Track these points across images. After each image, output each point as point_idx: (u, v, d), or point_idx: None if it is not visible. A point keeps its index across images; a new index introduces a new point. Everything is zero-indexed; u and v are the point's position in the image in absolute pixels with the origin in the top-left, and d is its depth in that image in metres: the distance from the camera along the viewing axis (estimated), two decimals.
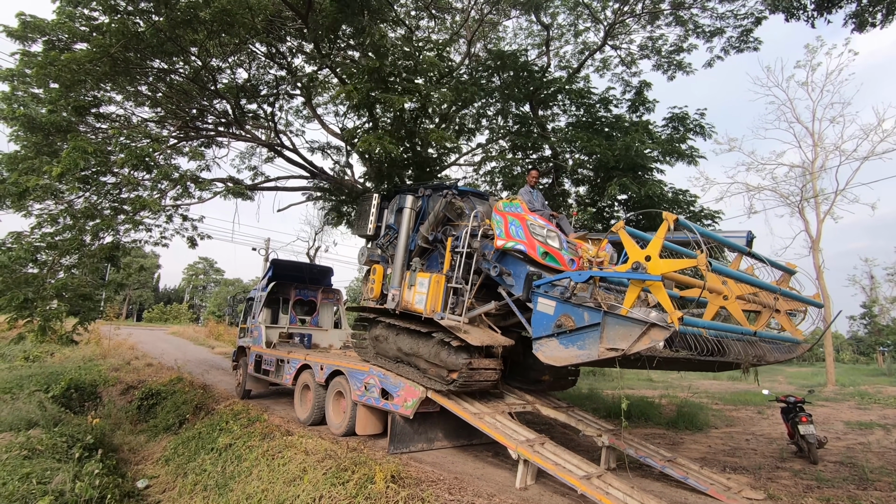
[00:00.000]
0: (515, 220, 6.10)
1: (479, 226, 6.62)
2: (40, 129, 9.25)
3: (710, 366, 5.59)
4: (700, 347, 4.50)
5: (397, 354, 7.15)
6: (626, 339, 4.20)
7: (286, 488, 5.53)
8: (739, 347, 5.08)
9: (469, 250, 6.55)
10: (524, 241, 5.90)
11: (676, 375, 26.79)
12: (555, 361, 4.89)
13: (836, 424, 10.71)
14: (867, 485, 6.15)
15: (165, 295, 61.07)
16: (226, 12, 8.28)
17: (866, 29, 6.80)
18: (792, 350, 5.85)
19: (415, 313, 6.76)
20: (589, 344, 4.54)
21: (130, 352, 18.61)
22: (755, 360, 5.31)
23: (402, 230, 7.59)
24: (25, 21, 9.08)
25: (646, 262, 4.23)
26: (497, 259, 6.25)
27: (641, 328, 4.10)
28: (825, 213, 20.81)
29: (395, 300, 7.14)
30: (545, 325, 5.01)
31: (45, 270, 9.34)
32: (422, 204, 7.76)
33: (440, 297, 6.59)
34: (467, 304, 6.48)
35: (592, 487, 4.64)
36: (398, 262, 7.50)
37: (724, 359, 4.92)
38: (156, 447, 9.21)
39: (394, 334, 7.26)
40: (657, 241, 4.24)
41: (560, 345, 4.82)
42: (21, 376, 12.41)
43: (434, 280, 6.66)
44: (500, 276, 6.17)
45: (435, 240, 7.30)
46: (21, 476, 5.71)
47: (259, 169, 14.97)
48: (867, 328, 47.05)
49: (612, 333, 4.34)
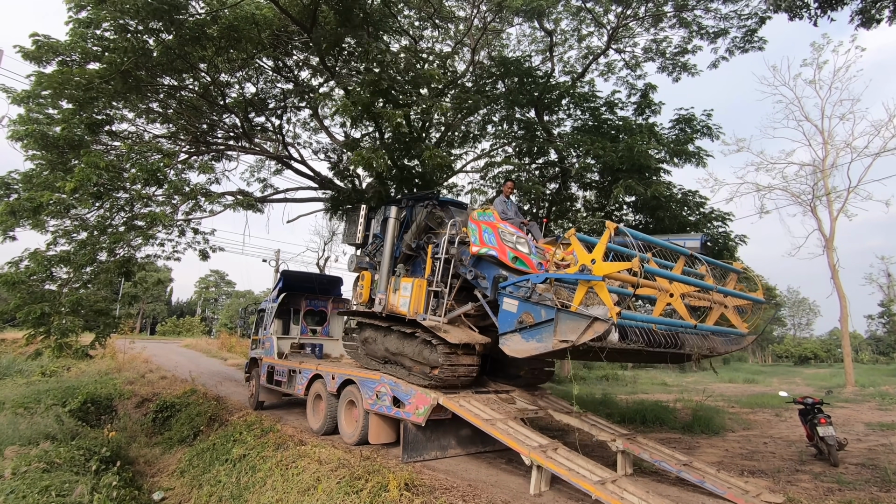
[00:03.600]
0: (488, 228, 6.61)
1: (457, 233, 7.11)
2: (54, 145, 9.44)
3: (662, 357, 6.03)
4: (650, 340, 5.16)
5: (385, 355, 7.64)
6: (574, 331, 4.84)
7: (301, 498, 5.55)
8: (695, 340, 5.73)
9: (447, 256, 7.04)
10: (496, 247, 6.36)
11: (691, 380, 26.47)
12: (517, 353, 5.45)
13: (857, 426, 10.50)
14: (890, 486, 6.02)
15: (178, 308, 61.66)
16: (233, 28, 8.45)
17: (873, 25, 6.76)
18: (738, 342, 6.46)
19: (400, 315, 7.26)
20: (545, 337, 5.16)
21: (145, 365, 18.80)
22: (708, 352, 5.95)
23: (387, 238, 8.11)
24: (40, 42, 9.29)
25: (591, 265, 4.80)
26: (473, 264, 6.73)
27: (587, 321, 4.75)
28: (838, 210, 20.56)
29: (381, 304, 7.66)
30: (509, 322, 5.57)
31: (61, 288, 9.50)
32: (406, 214, 8.28)
33: (422, 299, 7.08)
34: (447, 306, 6.95)
35: (607, 493, 4.59)
36: (384, 269, 8.01)
37: (677, 350, 5.54)
38: (171, 459, 9.27)
39: (381, 336, 7.78)
40: (601, 246, 4.85)
41: (522, 339, 5.43)
42: (39, 391, 12.59)
43: (416, 284, 7.17)
44: (476, 280, 6.66)
45: (418, 247, 7.78)
46: (40, 489, 5.78)
47: (268, 181, 15.17)
48: (886, 327, 46.17)
49: (564, 327, 4.97)
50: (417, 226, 7.83)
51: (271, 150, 13.59)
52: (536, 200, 11.83)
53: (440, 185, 13.35)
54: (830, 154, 21.02)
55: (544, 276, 5.40)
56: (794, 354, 54.40)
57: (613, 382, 22.69)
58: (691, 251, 6.04)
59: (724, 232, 10.96)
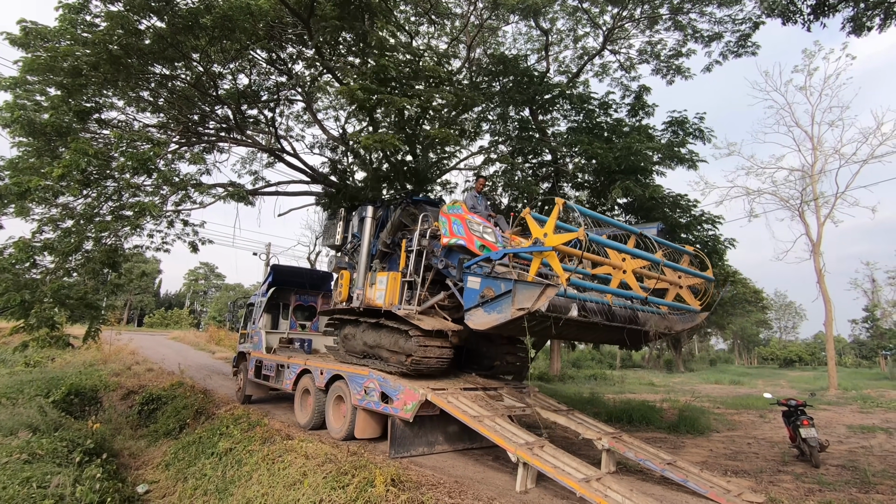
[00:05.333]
0: (457, 220, 7.00)
1: (430, 227, 7.51)
2: (41, 132, 9.27)
3: (620, 336, 6.44)
4: (609, 316, 5.68)
5: (363, 349, 7.88)
6: (529, 299, 5.26)
7: (286, 492, 5.52)
8: (653, 319, 6.30)
9: (419, 248, 7.48)
10: (464, 237, 6.75)
11: (679, 380, 26.72)
12: (481, 326, 5.91)
13: (839, 428, 10.67)
14: (869, 488, 6.12)
15: (166, 300, 61.05)
16: (227, 18, 8.32)
17: (864, 33, 6.83)
18: (693, 318, 6.94)
19: (376, 308, 7.57)
20: (504, 308, 5.56)
21: (131, 357, 18.61)
22: (665, 330, 6.46)
23: (364, 236, 8.56)
24: (27, 28, 9.12)
25: (543, 238, 5.24)
26: (444, 255, 7.19)
27: (540, 288, 5.19)
28: (825, 216, 20.80)
29: (359, 299, 8.01)
30: (473, 298, 6.05)
31: (45, 276, 9.34)
32: (382, 214, 8.69)
33: (397, 291, 7.51)
34: (421, 297, 7.34)
35: (591, 490, 4.62)
36: (361, 265, 8.45)
37: (634, 326, 6.13)
38: (156, 452, 9.19)
39: (360, 331, 8.01)
40: (551, 221, 5.22)
41: (484, 312, 5.86)
42: (21, 381, 12.38)
43: (391, 277, 7.62)
44: (447, 269, 7.13)
45: (393, 243, 8.17)
46: (21, 480, 5.69)
47: (260, 174, 15.05)
48: (869, 332, 46.91)
49: (521, 296, 5.39)
50: (392, 224, 8.29)
51: (263, 142, 13.46)
52: (529, 199, 11.86)
53: (434, 182, 13.32)
54: (819, 160, 21.27)
55: (502, 253, 5.90)
56: (780, 357, 55.17)
57: (601, 382, 22.85)
58: (641, 232, 6.43)
59: (713, 235, 11.05)
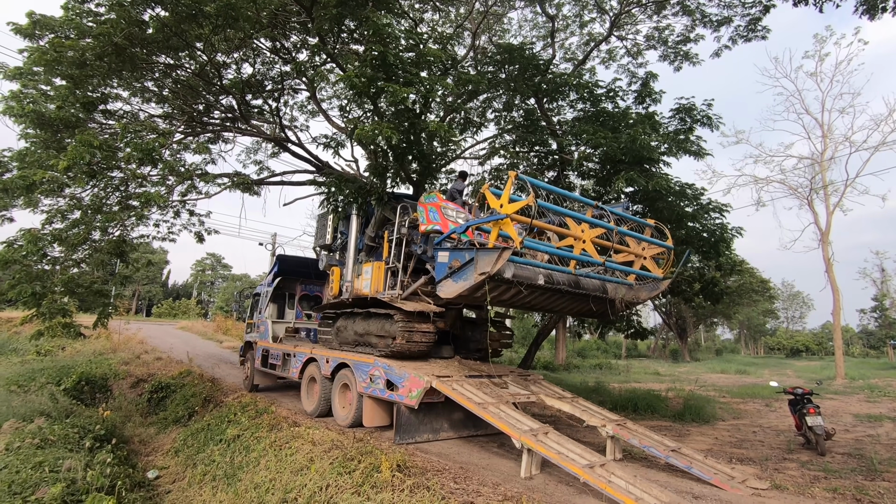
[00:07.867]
0: (433, 209, 7.51)
1: (408, 217, 8.10)
2: (49, 125, 9.32)
3: (586, 301, 6.87)
4: (575, 283, 6.33)
5: (355, 338, 8.35)
6: (489, 263, 5.75)
7: (293, 478, 5.59)
8: (619, 289, 6.89)
9: (399, 236, 8.09)
10: (439, 223, 7.27)
11: (684, 370, 26.69)
12: (449, 295, 6.44)
13: (845, 417, 10.64)
14: (875, 476, 6.11)
15: (174, 290, 61.58)
16: (231, 6, 8.26)
17: (878, 15, 6.67)
18: (656, 287, 7.46)
19: (363, 297, 8.14)
20: (468, 275, 6.08)
21: (140, 346, 18.83)
22: (633, 299, 7.02)
23: (351, 231, 9.38)
24: (35, 19, 9.15)
25: (500, 209, 5.72)
26: (423, 242, 7.78)
27: (497, 252, 5.69)
28: (834, 205, 20.58)
29: (348, 290, 8.67)
30: (443, 270, 6.60)
31: (55, 266, 9.44)
32: (368, 210, 9.34)
33: (381, 279, 8.15)
34: (405, 282, 7.92)
35: (595, 476, 4.65)
36: (349, 259, 9.20)
37: (601, 294, 6.70)
38: (165, 439, 9.33)
39: (351, 322, 8.51)
40: (506, 192, 5.72)
41: (452, 282, 6.38)
42: (33, 370, 12.59)
43: (375, 266, 8.31)
44: (425, 254, 7.73)
45: (378, 237, 8.85)
46: (34, 465, 5.81)
47: (265, 164, 15.03)
48: (878, 322, 46.59)
49: (482, 263, 5.90)
50: (377, 219, 9.08)
51: (268, 132, 13.44)
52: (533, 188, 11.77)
53: (440, 171, 13.26)
54: (829, 147, 20.99)
55: (465, 226, 6.51)
56: (786, 347, 54.96)
57: (607, 371, 22.90)
58: (597, 203, 6.93)
59: (720, 223, 10.94)
